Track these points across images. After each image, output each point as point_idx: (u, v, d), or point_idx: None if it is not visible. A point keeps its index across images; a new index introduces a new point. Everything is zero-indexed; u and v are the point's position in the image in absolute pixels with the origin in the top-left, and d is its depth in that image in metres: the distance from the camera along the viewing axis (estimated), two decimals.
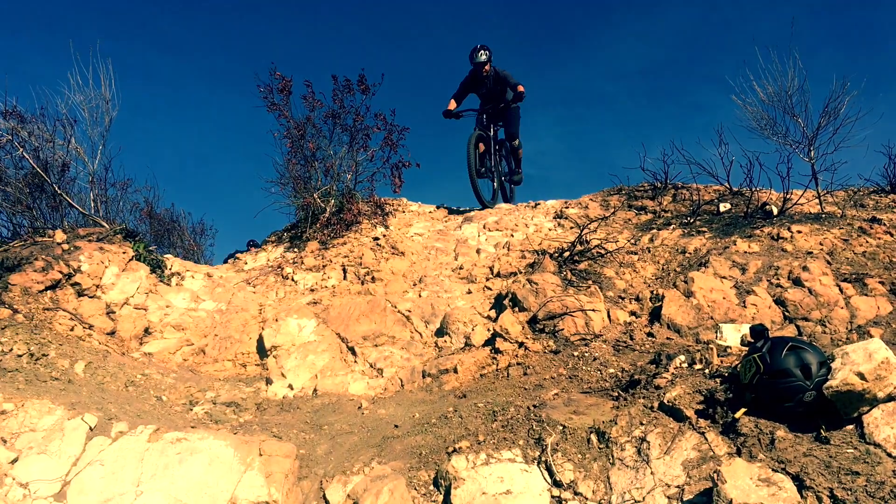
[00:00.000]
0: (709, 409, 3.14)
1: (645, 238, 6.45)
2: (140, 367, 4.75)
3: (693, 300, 4.83)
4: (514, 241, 6.98)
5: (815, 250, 5.39)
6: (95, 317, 5.10)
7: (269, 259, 7.29)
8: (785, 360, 2.85)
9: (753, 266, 5.19)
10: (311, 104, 7.90)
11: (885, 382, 2.72)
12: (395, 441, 3.60)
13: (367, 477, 3.21)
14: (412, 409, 4.12)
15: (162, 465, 3.13)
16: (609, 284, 5.37)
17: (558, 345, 4.52)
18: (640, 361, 4.07)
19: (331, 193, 7.85)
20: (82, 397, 3.77)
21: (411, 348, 4.96)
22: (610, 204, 8.09)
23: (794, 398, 2.82)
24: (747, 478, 2.55)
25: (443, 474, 3.16)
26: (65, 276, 5.21)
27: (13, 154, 6.58)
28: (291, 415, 4.24)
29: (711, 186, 7.85)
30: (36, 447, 3.20)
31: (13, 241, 5.88)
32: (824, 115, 6.83)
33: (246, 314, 5.65)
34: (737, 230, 6.14)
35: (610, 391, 3.76)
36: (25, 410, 3.41)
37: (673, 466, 2.89)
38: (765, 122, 7.32)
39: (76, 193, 7.02)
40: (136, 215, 9.03)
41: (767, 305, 4.70)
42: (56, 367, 4.17)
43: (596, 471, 3.06)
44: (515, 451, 3.25)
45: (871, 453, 2.62)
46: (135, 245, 6.09)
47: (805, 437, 2.80)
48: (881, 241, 5.49)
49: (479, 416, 3.67)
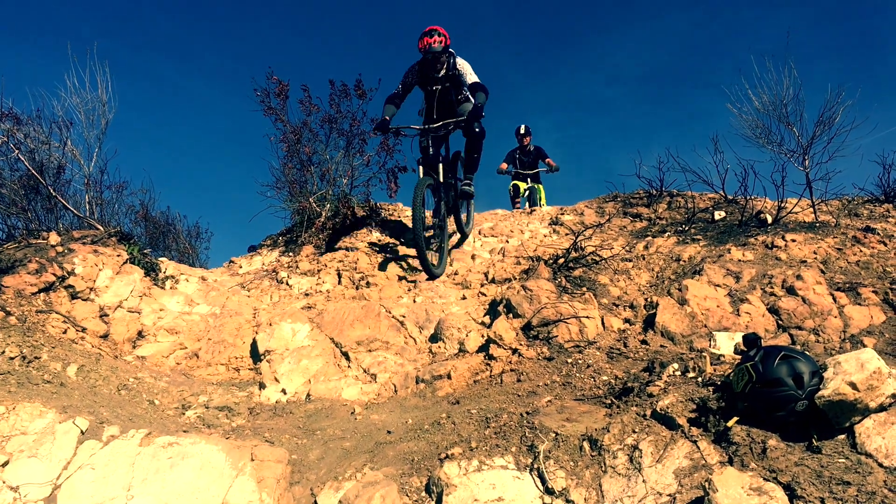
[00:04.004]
0: (701, 418, 3.14)
1: (640, 245, 6.46)
2: (133, 371, 4.73)
3: (687, 308, 4.83)
4: (510, 247, 6.99)
5: (809, 259, 5.41)
6: (89, 320, 5.08)
7: (263, 263, 7.28)
8: (777, 370, 2.85)
9: (747, 274, 5.20)
10: (307, 108, 7.91)
11: (877, 392, 2.72)
12: (387, 447, 3.59)
13: (359, 483, 3.20)
14: (405, 414, 4.11)
15: (153, 470, 3.12)
16: (604, 291, 5.38)
17: (552, 351, 4.52)
18: (633, 369, 4.07)
19: (326, 198, 7.86)
20: (74, 401, 3.76)
21: (405, 354, 4.95)
22: (605, 211, 8.11)
23: (787, 407, 2.82)
24: (739, 487, 2.55)
25: (435, 481, 3.15)
26: (58, 279, 5.20)
27: (8, 156, 6.58)
28: (284, 420, 4.22)
29: (706, 194, 7.88)
30: (27, 450, 3.19)
31: (7, 243, 5.86)
32: (819, 124, 6.88)
33: (240, 318, 5.64)
34: (731, 238, 6.16)
35: (603, 398, 3.76)
36: (17, 413, 3.39)
37: (665, 475, 2.88)
38: (760, 130, 7.36)
39: (71, 196, 7.02)
40: (131, 218, 9.02)
41: (761, 314, 4.71)
42: (48, 369, 4.15)
43: (588, 478, 3.06)
44: (508, 458, 3.24)
45: (862, 463, 2.62)
46: (129, 248, 6.07)
47: (797, 446, 2.80)
48: (875, 250, 5.51)
49: (472, 422, 3.66)
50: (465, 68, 6.35)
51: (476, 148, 6.58)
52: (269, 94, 7.84)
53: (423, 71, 6.45)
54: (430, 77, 6.46)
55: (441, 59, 6.29)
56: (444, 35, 6.16)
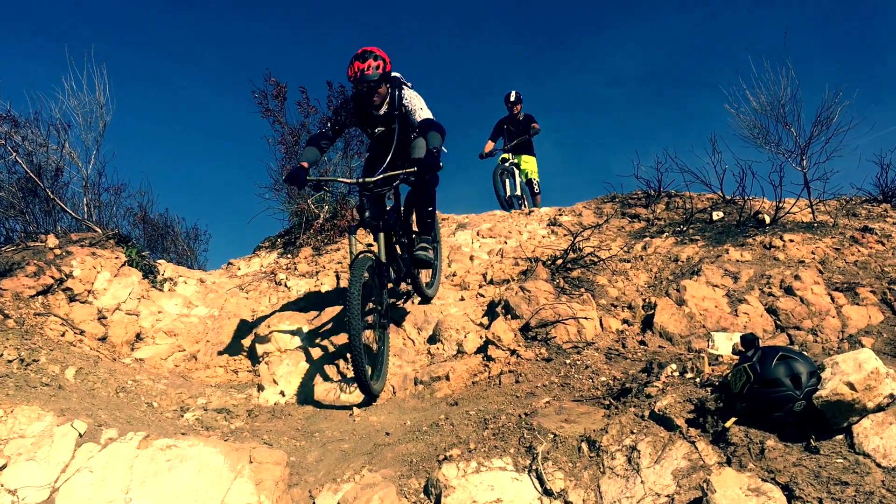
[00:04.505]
0: (699, 418, 3.14)
1: (638, 246, 6.46)
2: (131, 373, 4.73)
3: (685, 308, 4.84)
4: (508, 248, 6.99)
5: (807, 259, 5.41)
6: (87, 322, 5.08)
7: (262, 265, 7.28)
8: (775, 370, 2.86)
9: (746, 275, 5.20)
10: (305, 110, 7.92)
11: (875, 392, 2.73)
12: (386, 449, 3.59)
13: (358, 485, 3.20)
14: (404, 416, 4.11)
15: (151, 473, 3.11)
16: (602, 292, 5.38)
17: (550, 353, 4.52)
18: (631, 370, 4.07)
19: (325, 199, 7.86)
20: (72, 403, 3.76)
21: (403, 355, 4.95)
22: (603, 211, 8.11)
23: (784, 408, 2.82)
24: (737, 487, 2.55)
25: (433, 482, 3.15)
26: (56, 282, 5.20)
27: (6, 158, 6.59)
28: (283, 421, 4.22)
29: (704, 195, 7.88)
30: (25, 453, 3.18)
31: (5, 246, 5.87)
32: (817, 124, 6.90)
33: (238, 320, 5.64)
34: (729, 238, 6.16)
35: (601, 399, 3.76)
36: (15, 416, 3.39)
37: (663, 475, 2.89)
38: (758, 130, 7.39)
39: (69, 198, 7.02)
40: (129, 220, 9.02)
41: (759, 314, 4.71)
42: (46, 372, 4.15)
43: (586, 479, 3.06)
44: (506, 460, 3.24)
45: (860, 463, 2.63)
46: (127, 250, 6.07)
47: (795, 446, 2.80)
48: (873, 250, 5.52)
49: (471, 423, 3.66)
50: (414, 103, 4.83)
51: (427, 201, 5.11)
52: (267, 96, 7.85)
53: (359, 108, 4.90)
54: (369, 116, 4.90)
55: (380, 90, 4.69)
56: (384, 58, 4.59)
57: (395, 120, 4.89)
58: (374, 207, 4.72)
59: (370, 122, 4.96)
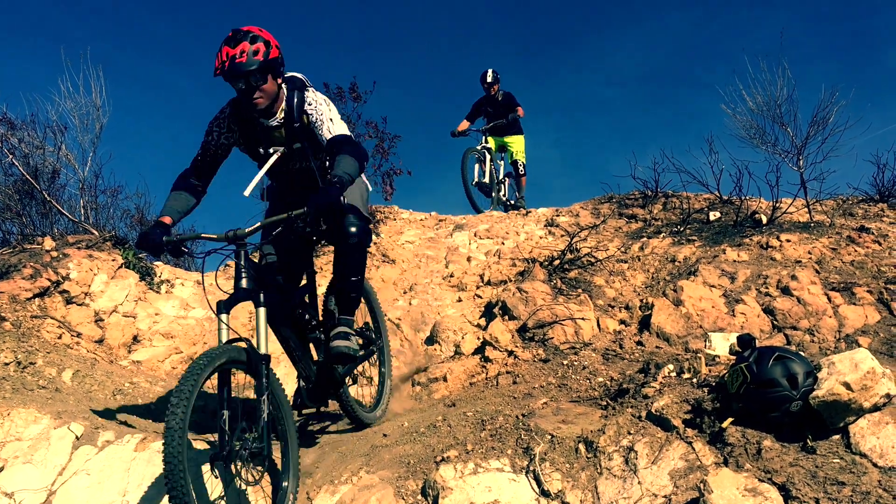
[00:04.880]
0: (696, 419, 3.14)
1: (635, 246, 6.47)
2: (128, 376, 4.73)
3: (682, 309, 4.84)
4: (505, 248, 6.99)
5: (803, 259, 5.42)
6: (84, 324, 5.07)
7: None
8: (772, 370, 2.86)
9: (742, 275, 5.21)
10: None
11: (871, 392, 2.73)
12: (383, 450, 3.59)
13: (355, 486, 3.20)
14: (401, 417, 4.11)
15: (149, 475, 3.11)
16: (599, 293, 5.39)
17: (548, 353, 4.53)
18: (628, 370, 4.08)
19: None
20: (69, 406, 3.75)
21: (401, 356, 4.95)
22: (601, 212, 8.12)
23: (781, 408, 2.83)
24: (734, 488, 2.56)
25: (431, 484, 3.15)
26: (53, 284, 5.19)
27: (2, 160, 6.58)
28: None
29: (701, 195, 7.88)
30: (21, 456, 3.18)
31: (2, 249, 5.86)
32: (813, 124, 6.91)
33: (235, 322, 5.62)
34: (726, 239, 6.17)
35: (599, 400, 3.76)
36: (11, 419, 3.39)
37: (660, 476, 2.89)
38: (754, 131, 7.40)
39: (66, 200, 7.02)
40: (126, 222, 8.99)
41: (756, 314, 4.72)
42: (43, 375, 4.14)
43: (584, 480, 3.06)
44: (504, 461, 3.24)
45: (857, 463, 2.63)
46: (124, 252, 6.06)
47: (792, 446, 2.80)
48: (869, 250, 5.53)
49: (468, 424, 3.66)
50: (321, 112, 3.29)
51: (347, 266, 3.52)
52: None
53: (238, 118, 3.35)
54: (254, 128, 3.35)
55: (264, 87, 3.11)
56: (267, 40, 3.06)
57: (297, 134, 3.34)
58: (253, 270, 3.19)
59: (259, 139, 3.37)
